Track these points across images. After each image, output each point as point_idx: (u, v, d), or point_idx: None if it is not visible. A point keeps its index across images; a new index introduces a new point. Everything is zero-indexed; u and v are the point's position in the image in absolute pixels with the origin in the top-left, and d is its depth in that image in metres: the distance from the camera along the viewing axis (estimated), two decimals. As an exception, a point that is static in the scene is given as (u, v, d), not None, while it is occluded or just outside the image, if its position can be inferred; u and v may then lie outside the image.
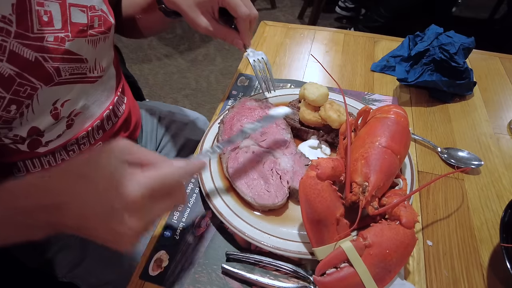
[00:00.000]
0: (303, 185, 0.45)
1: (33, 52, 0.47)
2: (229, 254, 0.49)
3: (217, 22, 0.61)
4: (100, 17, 0.56)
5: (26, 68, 0.46)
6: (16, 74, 0.45)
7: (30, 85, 0.47)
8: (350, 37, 0.95)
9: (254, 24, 0.63)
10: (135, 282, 0.48)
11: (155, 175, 0.34)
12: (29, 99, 0.48)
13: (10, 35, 0.44)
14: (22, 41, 0.45)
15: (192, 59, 2.35)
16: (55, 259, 0.64)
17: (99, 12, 0.56)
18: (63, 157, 0.58)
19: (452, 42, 0.72)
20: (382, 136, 0.50)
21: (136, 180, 0.32)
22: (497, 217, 0.54)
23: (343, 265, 0.41)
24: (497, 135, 0.68)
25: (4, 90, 0.45)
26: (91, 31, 0.55)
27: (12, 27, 0.44)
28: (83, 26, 0.53)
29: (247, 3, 0.59)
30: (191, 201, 0.57)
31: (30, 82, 0.47)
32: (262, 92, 0.71)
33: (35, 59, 0.47)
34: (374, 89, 0.78)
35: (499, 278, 0.47)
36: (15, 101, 0.47)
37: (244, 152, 0.57)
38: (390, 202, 0.46)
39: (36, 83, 0.48)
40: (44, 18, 0.47)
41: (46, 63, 0.48)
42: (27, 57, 0.46)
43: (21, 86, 0.47)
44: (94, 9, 0.55)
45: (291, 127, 0.64)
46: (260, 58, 0.66)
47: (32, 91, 0.48)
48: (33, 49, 0.47)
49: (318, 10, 2.50)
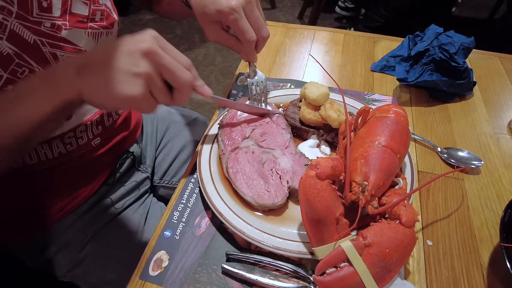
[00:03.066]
0: (302, 185, 0.45)
1: (32, 35, 0.47)
2: (229, 254, 0.49)
3: (227, 32, 0.59)
4: (103, 11, 0.56)
5: (25, 49, 0.47)
6: (15, 54, 0.46)
7: (28, 67, 0.48)
8: (350, 37, 0.95)
9: (263, 44, 0.61)
10: (135, 282, 0.48)
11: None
12: None
13: (11, 15, 0.44)
14: (23, 22, 0.46)
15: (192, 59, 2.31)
16: (55, 259, 0.64)
17: (102, 6, 0.56)
18: (60, 150, 0.58)
19: (452, 42, 0.72)
20: (382, 136, 0.50)
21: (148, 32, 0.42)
22: (497, 217, 0.54)
23: (343, 264, 0.41)
24: (497, 135, 0.68)
25: (2, 68, 0.46)
26: (92, 24, 0.55)
27: (14, 8, 0.44)
28: (82, 17, 0.53)
29: (257, 23, 0.57)
30: (191, 201, 0.57)
31: (28, 64, 0.48)
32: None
33: (33, 41, 0.48)
34: (374, 89, 0.78)
35: (499, 278, 0.47)
36: (12, 81, 0.47)
37: (244, 153, 0.57)
38: (390, 201, 0.46)
39: (34, 65, 0.49)
40: (44, 4, 0.48)
41: (44, 47, 0.49)
42: (26, 38, 0.47)
43: (19, 66, 0.47)
44: (98, 3, 0.56)
45: (291, 126, 0.64)
46: (260, 81, 0.65)
47: (30, 73, 0.48)
48: (32, 32, 0.47)
49: (318, 10, 2.50)
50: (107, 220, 0.67)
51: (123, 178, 0.72)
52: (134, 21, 2.74)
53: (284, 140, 0.60)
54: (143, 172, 0.76)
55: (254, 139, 0.60)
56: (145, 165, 0.78)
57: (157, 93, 0.41)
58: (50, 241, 0.64)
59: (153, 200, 0.76)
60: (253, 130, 0.61)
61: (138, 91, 0.39)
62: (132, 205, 0.71)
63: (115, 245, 0.65)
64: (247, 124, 0.63)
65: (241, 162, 0.56)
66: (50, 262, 0.64)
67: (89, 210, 0.66)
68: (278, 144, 0.59)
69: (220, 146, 0.60)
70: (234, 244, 0.51)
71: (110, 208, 0.68)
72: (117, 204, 0.69)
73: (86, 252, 0.64)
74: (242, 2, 0.54)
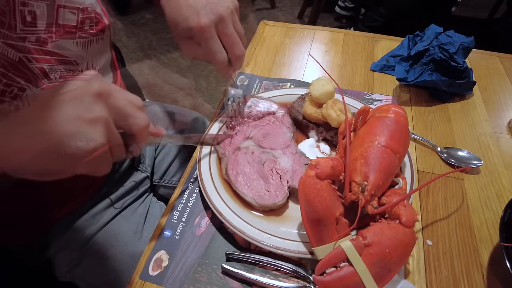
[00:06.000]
0: (302, 185, 0.45)
1: (17, 52, 0.46)
2: (229, 254, 0.49)
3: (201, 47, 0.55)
4: (93, 18, 0.55)
5: (10, 68, 0.46)
6: (1, 74, 0.45)
7: (17, 85, 0.47)
8: (349, 36, 0.95)
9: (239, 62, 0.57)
10: (135, 282, 0.48)
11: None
12: (16, 99, 0.47)
13: None
14: (6, 40, 0.44)
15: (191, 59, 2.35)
16: (55, 259, 0.64)
17: (91, 13, 0.55)
18: None
19: (451, 41, 0.72)
20: (381, 135, 0.50)
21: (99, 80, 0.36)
22: (497, 217, 0.54)
23: (342, 264, 0.41)
24: (496, 134, 0.68)
25: None
26: (80, 33, 0.53)
27: None
28: (70, 27, 0.51)
29: (230, 41, 0.54)
30: (191, 201, 0.57)
31: (16, 83, 0.47)
32: (225, 124, 0.65)
33: (19, 59, 0.46)
34: (374, 88, 0.78)
35: (499, 278, 0.47)
36: (2, 101, 0.46)
37: (243, 154, 0.57)
38: (390, 201, 0.46)
39: (23, 83, 0.47)
40: (28, 18, 0.46)
41: (30, 64, 0.48)
42: (11, 57, 0.45)
43: (8, 86, 0.46)
44: (86, 10, 0.54)
45: (293, 118, 0.65)
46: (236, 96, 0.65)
47: (20, 91, 0.47)
48: (16, 49, 0.46)
49: (318, 10, 2.50)
50: (107, 220, 0.66)
51: (123, 178, 0.72)
52: (134, 21, 2.74)
53: (285, 140, 0.60)
54: (143, 171, 0.76)
55: (256, 140, 0.60)
56: (145, 165, 0.78)
57: (113, 144, 0.35)
58: (50, 241, 0.64)
59: (153, 199, 0.76)
60: (255, 131, 0.62)
61: (99, 142, 0.32)
62: (132, 204, 0.71)
63: (115, 245, 0.65)
64: (248, 126, 0.63)
65: (241, 163, 0.56)
66: (50, 262, 0.64)
67: (89, 210, 0.66)
68: (279, 144, 0.60)
69: (219, 150, 0.60)
70: (234, 244, 0.51)
71: (110, 208, 0.68)
72: (116, 204, 0.69)
73: (86, 252, 0.64)
74: (214, 20, 0.52)
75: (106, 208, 0.67)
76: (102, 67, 0.61)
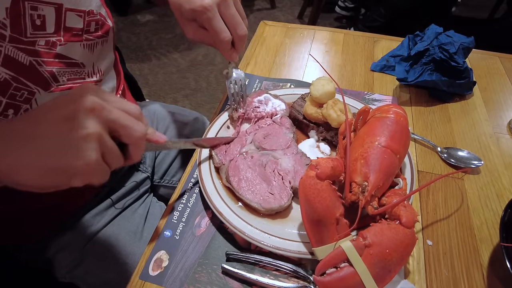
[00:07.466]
0: (302, 185, 0.45)
1: (27, 56, 0.47)
2: (229, 254, 0.49)
3: (205, 30, 0.56)
4: (98, 21, 0.56)
5: (21, 72, 0.46)
6: (12, 78, 0.45)
7: (27, 89, 0.47)
8: (349, 37, 0.95)
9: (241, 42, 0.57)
10: (135, 282, 0.48)
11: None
12: (27, 103, 0.48)
13: (5, 40, 0.44)
14: (17, 45, 0.45)
15: (191, 59, 2.35)
16: (55, 259, 0.64)
17: (97, 16, 0.55)
18: None
19: (451, 41, 0.72)
20: (382, 136, 0.50)
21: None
22: (497, 217, 0.54)
23: (343, 265, 0.41)
24: (496, 134, 0.68)
25: (1, 94, 0.45)
26: (87, 36, 0.54)
27: (7, 31, 0.44)
28: (77, 30, 0.52)
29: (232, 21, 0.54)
30: (191, 201, 0.57)
31: (26, 87, 0.47)
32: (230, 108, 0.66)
33: (29, 63, 0.47)
34: (374, 89, 0.78)
35: (499, 278, 0.47)
36: (12, 105, 0.46)
37: (242, 159, 0.57)
38: (390, 201, 0.46)
39: (32, 87, 0.48)
40: (37, 22, 0.47)
41: (40, 67, 0.48)
42: (21, 61, 0.46)
43: (18, 90, 0.46)
44: (92, 13, 0.55)
45: (293, 118, 0.65)
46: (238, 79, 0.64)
47: (29, 95, 0.48)
48: (27, 53, 0.46)
49: (318, 10, 2.50)
50: (107, 220, 0.67)
51: (124, 178, 0.72)
52: (134, 21, 2.74)
53: (286, 140, 0.60)
54: (143, 172, 0.76)
55: (258, 141, 0.60)
56: (145, 165, 0.78)
57: (109, 155, 0.35)
58: (50, 241, 0.64)
59: (153, 200, 0.76)
60: (255, 134, 0.62)
61: (91, 158, 0.33)
62: (132, 205, 0.71)
63: (115, 245, 0.65)
64: (246, 133, 0.63)
65: (242, 169, 0.55)
66: (50, 262, 0.64)
67: (89, 210, 0.66)
68: (280, 145, 0.59)
69: (215, 160, 0.58)
70: (234, 244, 0.51)
71: (111, 208, 0.68)
72: (117, 204, 0.69)
73: (86, 252, 0.64)
74: (216, 0, 0.52)
75: (107, 208, 0.67)
76: (106, 69, 0.61)
